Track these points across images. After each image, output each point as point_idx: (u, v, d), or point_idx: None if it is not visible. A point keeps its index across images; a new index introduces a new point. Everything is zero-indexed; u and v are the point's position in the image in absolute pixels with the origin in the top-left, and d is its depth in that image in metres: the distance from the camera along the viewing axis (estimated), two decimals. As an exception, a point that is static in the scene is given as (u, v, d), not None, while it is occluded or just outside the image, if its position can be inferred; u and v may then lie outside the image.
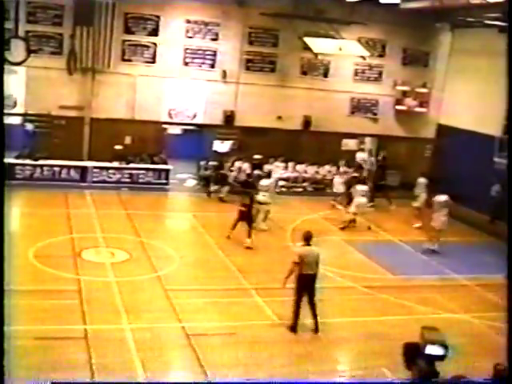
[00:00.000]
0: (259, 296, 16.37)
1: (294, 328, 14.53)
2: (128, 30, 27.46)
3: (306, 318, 14.73)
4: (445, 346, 8.79)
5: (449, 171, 27.99)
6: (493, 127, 26.42)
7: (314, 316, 14.62)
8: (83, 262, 17.80)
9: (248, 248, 20.01)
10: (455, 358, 11.18)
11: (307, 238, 14.68)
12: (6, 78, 25.71)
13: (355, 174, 26.91)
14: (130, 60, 27.69)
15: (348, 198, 24.79)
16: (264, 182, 22.92)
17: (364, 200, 23.95)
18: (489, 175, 25.47)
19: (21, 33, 23.29)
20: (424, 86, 31.11)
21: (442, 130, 30.86)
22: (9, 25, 24.54)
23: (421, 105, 31.15)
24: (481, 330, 15.89)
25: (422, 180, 25.48)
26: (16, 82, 26.14)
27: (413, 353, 9.01)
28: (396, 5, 26.63)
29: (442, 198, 22.01)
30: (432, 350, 8.70)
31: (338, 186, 26.72)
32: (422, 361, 8.82)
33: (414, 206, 25.18)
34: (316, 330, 14.58)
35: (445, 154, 29.77)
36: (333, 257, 19.81)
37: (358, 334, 14.94)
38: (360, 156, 30.79)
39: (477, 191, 25.43)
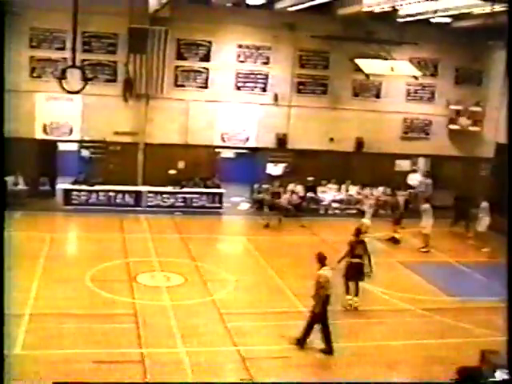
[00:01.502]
0: (314, 319, 16.25)
1: (330, 351, 14.28)
2: (180, 56, 27.86)
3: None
4: (513, 371, 8.57)
5: (508, 191, 27.44)
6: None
7: (329, 336, 14.41)
8: (139, 285, 17.94)
9: (355, 309, 17.14)
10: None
11: (323, 259, 14.66)
12: (63, 105, 26.47)
13: (398, 198, 26.63)
14: (182, 85, 28.06)
15: (400, 219, 24.74)
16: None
17: (432, 220, 23.86)
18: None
19: (77, 62, 23.80)
20: (478, 104, 30.77)
21: (501, 148, 30.28)
22: (65, 54, 25.29)
23: (475, 123, 30.82)
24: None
25: (485, 204, 24.70)
26: (72, 110, 26.73)
27: (472, 377, 8.82)
28: (447, 24, 26.49)
29: None
30: (501, 374, 8.49)
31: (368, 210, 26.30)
32: (485, 385, 8.62)
33: (478, 231, 24.66)
34: (330, 351, 14.26)
35: (503, 172, 29.15)
36: (389, 279, 19.63)
37: (416, 358, 14.69)
38: (412, 177, 30.52)
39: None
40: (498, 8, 20.94)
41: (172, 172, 27.86)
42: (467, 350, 13.55)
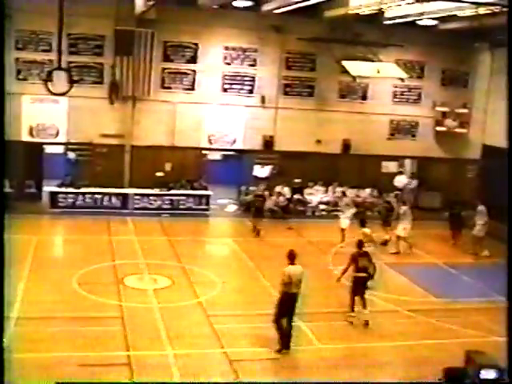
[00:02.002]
0: (301, 321, 16.24)
1: (281, 349, 14.31)
2: (167, 58, 27.83)
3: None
4: (499, 370, 8.64)
5: (494, 192, 27.51)
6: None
7: (290, 335, 14.44)
8: (126, 288, 17.89)
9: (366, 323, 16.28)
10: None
11: (292, 257, 14.40)
12: (49, 107, 26.32)
13: (388, 199, 26.55)
14: (169, 87, 28.02)
15: (390, 221, 24.74)
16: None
17: (410, 223, 23.68)
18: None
19: (63, 64, 23.72)
20: (464, 106, 30.88)
21: (487, 150, 30.45)
22: (51, 56, 25.22)
23: (461, 125, 30.92)
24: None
25: (481, 208, 24.00)
26: (58, 112, 26.63)
27: (458, 378, 8.86)
28: (433, 26, 26.59)
29: None
30: (487, 373, 8.55)
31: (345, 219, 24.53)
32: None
33: (476, 236, 23.87)
34: (287, 347, 14.34)
35: (490, 174, 29.34)
36: (375, 280, 19.63)
37: (403, 359, 14.76)
38: (399, 179, 30.62)
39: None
40: (482, 11, 21.07)
41: (159, 174, 27.80)
42: (453, 351, 13.58)
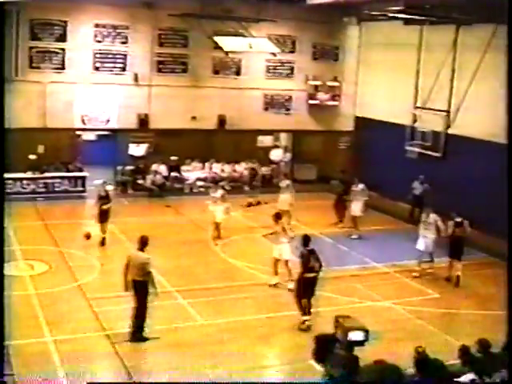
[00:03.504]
0: (183, 298, 16.37)
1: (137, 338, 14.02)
2: (35, 37, 26.88)
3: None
4: (365, 331, 9.05)
5: (366, 162, 28.51)
6: (404, 117, 27.11)
7: (132, 318, 14.08)
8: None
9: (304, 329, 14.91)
10: (378, 343, 11.45)
11: (140, 242, 14.07)
12: None
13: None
14: (38, 67, 27.13)
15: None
16: None
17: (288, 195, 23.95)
18: (405, 167, 26.07)
19: None
20: (335, 79, 31.57)
21: (359, 122, 31.39)
22: None
23: (333, 98, 31.60)
24: (402, 316, 16.26)
25: (361, 186, 23.46)
26: None
27: (328, 343, 9.20)
28: (303, 1, 27.01)
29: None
30: (354, 335, 8.93)
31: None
32: (340, 349, 9.00)
33: (355, 215, 23.48)
34: (132, 335, 13.97)
35: (362, 145, 30.30)
36: (254, 254, 19.99)
37: (282, 329, 15.08)
38: (274, 153, 31.11)
39: (393, 180, 25.97)
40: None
41: (32, 157, 26.95)
42: (331, 318, 13.99)
